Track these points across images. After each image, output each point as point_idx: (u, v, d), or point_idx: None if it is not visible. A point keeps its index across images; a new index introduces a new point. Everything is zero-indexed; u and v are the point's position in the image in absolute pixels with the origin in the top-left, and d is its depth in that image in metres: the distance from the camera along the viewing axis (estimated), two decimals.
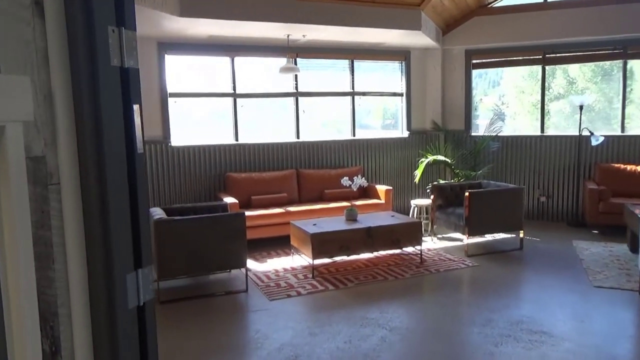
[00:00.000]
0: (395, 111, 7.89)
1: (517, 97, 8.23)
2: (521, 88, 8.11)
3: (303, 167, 6.87)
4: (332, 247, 4.86)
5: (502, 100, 8.16)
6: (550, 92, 7.51)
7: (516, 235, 5.80)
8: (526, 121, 7.90)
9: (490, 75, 8.02)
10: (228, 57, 6.45)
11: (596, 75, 7.67)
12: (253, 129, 7.15)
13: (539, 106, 7.32)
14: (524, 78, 8.08)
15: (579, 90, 7.72)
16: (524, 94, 8.02)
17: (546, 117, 7.26)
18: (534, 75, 7.59)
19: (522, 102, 8.18)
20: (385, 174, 7.45)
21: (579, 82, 7.88)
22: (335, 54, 7.02)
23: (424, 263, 5.25)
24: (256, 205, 6.15)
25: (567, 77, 7.91)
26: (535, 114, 7.47)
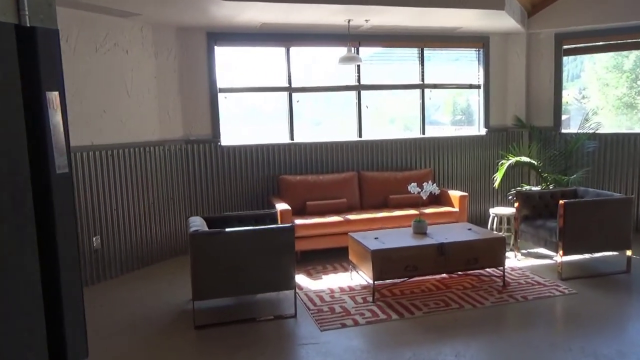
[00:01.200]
0: (466, 106, 6.97)
1: (600, 90, 7.09)
2: (605, 80, 6.95)
3: (365, 169, 6.16)
4: (397, 267, 4.12)
5: (582, 94, 7.07)
6: (638, 84, 6.37)
7: (622, 255, 4.77)
8: (611, 117, 6.74)
9: (569, 68, 6.94)
10: (283, 47, 5.85)
11: None
12: (310, 127, 6.54)
13: (625, 100, 6.23)
14: (607, 69, 6.93)
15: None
16: (607, 87, 6.85)
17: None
18: (619, 66, 6.46)
19: (607, 95, 7.02)
20: (459, 177, 6.57)
21: None
22: (403, 42, 6.23)
23: (508, 287, 4.38)
24: (312, 211, 5.52)
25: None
26: (622, 109, 6.33)
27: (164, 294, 4.42)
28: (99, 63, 4.73)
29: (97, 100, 4.73)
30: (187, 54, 5.52)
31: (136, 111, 5.11)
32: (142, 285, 4.69)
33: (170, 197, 5.47)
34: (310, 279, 4.73)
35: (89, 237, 4.67)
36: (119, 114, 4.94)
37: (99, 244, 4.77)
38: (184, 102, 5.56)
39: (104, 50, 4.78)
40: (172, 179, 5.49)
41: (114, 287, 4.65)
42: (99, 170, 4.75)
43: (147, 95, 5.24)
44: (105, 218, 4.82)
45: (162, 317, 3.94)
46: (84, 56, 4.61)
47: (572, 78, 7.18)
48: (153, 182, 5.28)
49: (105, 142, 4.81)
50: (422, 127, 6.50)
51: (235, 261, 3.68)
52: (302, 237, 5.12)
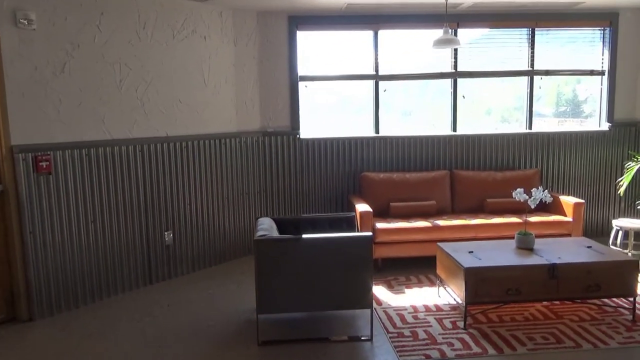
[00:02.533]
0: (573, 96, 5.91)
1: None
2: None
3: (459, 168, 5.44)
4: (496, 289, 3.44)
5: None
6: None
7: None
8: None
9: None
10: (370, 30, 5.28)
11: None
12: (398, 118, 5.91)
13: None
14: None
15: None
16: None
17: None
18: None
19: None
20: (573, 180, 5.61)
21: None
22: (510, 21, 5.38)
23: (639, 322, 3.52)
24: (396, 214, 4.94)
25: None
26: None
27: (231, 298, 4.11)
28: (176, 50, 4.50)
29: (173, 89, 4.50)
30: (268, 39, 5.15)
31: (213, 101, 4.84)
32: (212, 285, 4.42)
33: (245, 192, 5.17)
34: (391, 292, 4.17)
35: (160, 232, 4.48)
36: (195, 104, 4.69)
37: (171, 240, 4.57)
38: (263, 91, 5.21)
39: (181, 37, 4.53)
40: (248, 173, 5.18)
41: (183, 286, 4.42)
42: (172, 162, 4.53)
43: (225, 84, 4.95)
44: (177, 213, 4.61)
45: (227, 326, 3.60)
46: (161, 44, 4.38)
47: None
48: (227, 175, 5.00)
49: (180, 133, 4.59)
50: (529, 120, 5.61)
51: (304, 272, 3.24)
52: (383, 243, 4.57)
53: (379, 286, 4.30)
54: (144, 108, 4.31)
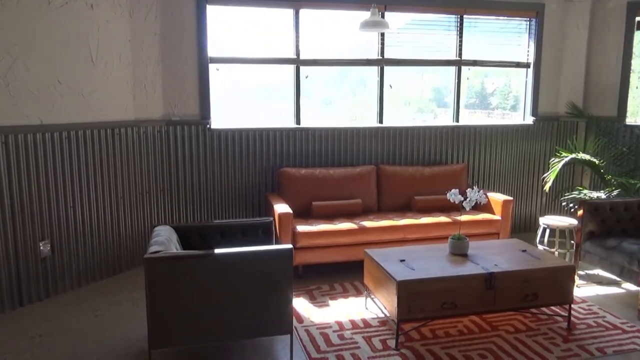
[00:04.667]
0: (498, 89, 5.78)
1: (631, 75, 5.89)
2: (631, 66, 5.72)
3: (386, 163, 5.06)
4: (430, 304, 3.06)
5: None
6: None
7: None
8: (634, 106, 5.53)
9: None
10: (290, 8, 4.72)
11: None
12: (320, 107, 5.45)
13: None
14: (634, 55, 5.70)
15: None
16: (634, 73, 5.62)
17: None
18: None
19: (635, 82, 5.81)
20: (499, 175, 5.45)
21: None
22: (438, 7, 5.05)
23: (574, 331, 3.31)
24: (318, 214, 4.46)
25: None
26: None
27: (125, 320, 3.42)
28: (53, 19, 3.66)
29: (50, 67, 3.67)
30: (172, 13, 4.42)
31: (103, 83, 4.05)
32: (101, 304, 3.69)
33: (145, 191, 4.44)
34: (314, 305, 3.69)
35: (34, 242, 3.66)
36: (79, 86, 3.88)
37: (49, 251, 3.76)
38: (166, 74, 4.48)
39: (59, 3, 3.69)
40: (148, 169, 4.45)
41: (63, 307, 3.64)
42: (50, 157, 3.71)
43: (119, 63, 4.17)
44: (58, 218, 3.80)
45: (114, 358, 2.93)
46: (31, 10, 3.53)
47: None
48: (123, 172, 4.24)
49: (59, 121, 3.76)
50: (456, 112, 5.36)
51: (209, 296, 2.65)
52: (305, 248, 4.08)
53: (300, 298, 3.80)
54: (9, 89, 3.46)
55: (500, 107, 5.94)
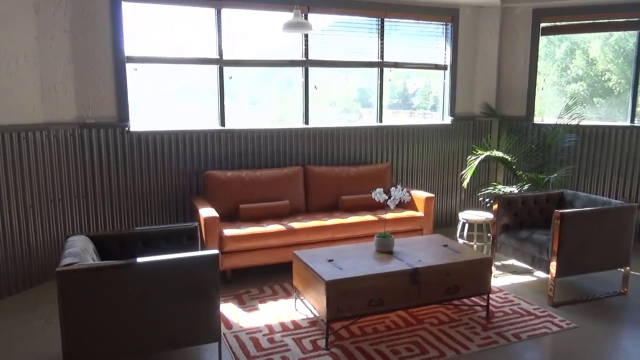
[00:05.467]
0: (419, 90, 6.03)
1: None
2: (538, 69, 6.28)
3: (313, 163, 5.09)
4: (359, 302, 3.10)
5: None
6: (567, 73, 5.89)
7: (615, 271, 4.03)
8: (541, 105, 6.08)
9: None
10: (212, 7, 4.61)
11: (618, 56, 5.93)
12: (246, 108, 5.39)
13: (557, 88, 5.75)
14: (540, 58, 6.29)
15: (599, 72, 6.00)
16: (540, 75, 6.18)
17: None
18: (551, 54, 5.89)
19: (541, 84, 6.37)
20: (420, 173, 5.65)
21: (599, 64, 6.14)
22: (360, 9, 5.15)
23: (493, 319, 3.49)
24: (246, 217, 4.39)
25: (587, 57, 6.19)
26: (552, 98, 5.85)
27: (35, 341, 3.17)
28: None
29: None
30: (84, 9, 4.16)
31: (5, 83, 3.73)
32: (7, 324, 3.39)
33: (58, 198, 4.15)
34: (243, 310, 3.63)
35: None
36: None
37: None
38: (79, 74, 4.22)
39: None
40: (61, 175, 4.16)
41: None
42: None
43: (24, 62, 3.86)
44: None
45: None
46: None
47: None
48: (32, 179, 3.94)
49: None
50: (380, 113, 5.49)
51: (131, 308, 2.52)
52: (233, 252, 4.00)
53: (229, 303, 3.72)
54: None
55: (422, 107, 6.18)
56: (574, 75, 6.43)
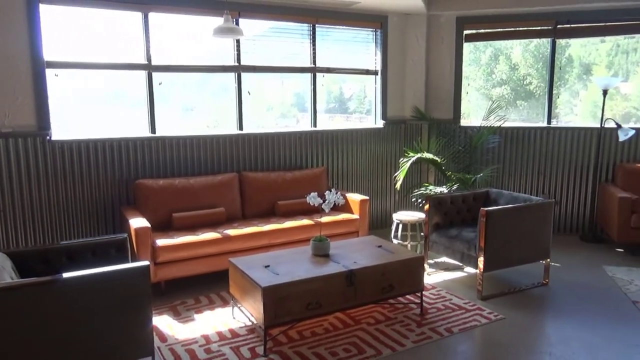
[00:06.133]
0: (355, 94, 6.19)
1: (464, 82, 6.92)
2: (465, 73, 6.69)
3: (248, 169, 5.05)
4: (296, 306, 3.11)
5: None
6: (492, 77, 6.34)
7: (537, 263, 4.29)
8: (469, 109, 6.49)
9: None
10: (138, 11, 4.48)
11: (537, 61, 6.48)
12: (180, 115, 5.28)
13: (483, 92, 6.17)
14: (468, 63, 6.71)
15: (521, 76, 6.50)
16: (467, 80, 6.59)
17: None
18: (477, 60, 6.32)
19: (466, 88, 6.78)
20: (355, 176, 5.76)
21: (521, 68, 6.67)
22: (292, 15, 5.18)
23: (427, 315, 3.61)
24: (180, 226, 4.29)
25: (509, 62, 6.71)
26: (479, 101, 6.26)
27: None
28: None
29: None
30: None
31: None
32: None
33: None
34: (178, 321, 3.53)
35: None
36: None
37: None
38: None
39: None
40: None
41: None
42: None
43: None
44: None
45: None
46: None
47: None
48: None
49: None
50: (314, 118, 5.55)
51: (55, 327, 2.38)
52: (166, 263, 3.89)
53: (163, 315, 3.61)
54: None
55: (358, 111, 6.31)
56: (498, 79, 6.82)
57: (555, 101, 5.84)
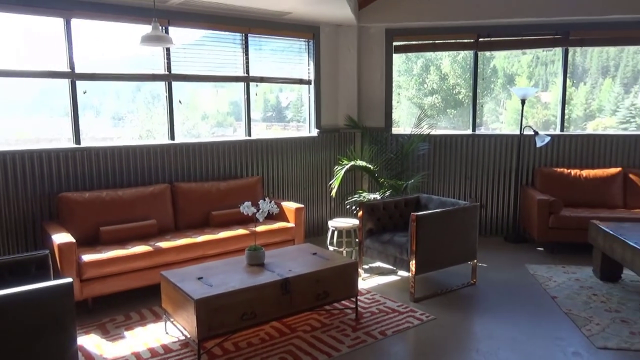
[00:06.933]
0: (292, 103, 6.25)
1: (395, 91, 7.21)
2: (398, 83, 6.98)
3: (181, 180, 4.94)
4: (230, 317, 3.07)
5: None
6: (424, 86, 6.69)
7: (468, 265, 4.49)
8: (404, 117, 6.79)
9: None
10: (60, 17, 4.28)
11: (465, 71, 6.93)
12: (111, 125, 5.10)
13: (415, 101, 6.51)
14: (400, 73, 7.01)
15: (450, 86, 6.91)
16: (401, 89, 6.88)
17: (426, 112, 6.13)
18: (409, 70, 6.65)
19: (400, 97, 7.08)
20: (291, 185, 5.78)
21: (450, 79, 7.09)
22: (224, 25, 5.15)
23: (362, 320, 3.68)
24: (108, 240, 4.12)
25: (440, 73, 7.12)
26: (412, 110, 6.60)
27: None
28: None
29: None
30: None
31: None
32: None
33: None
34: (107, 340, 3.38)
35: None
36: None
37: None
38: None
39: None
40: None
41: None
42: None
43: None
44: None
45: None
46: None
47: None
48: None
49: None
50: (248, 127, 5.52)
51: None
52: (93, 279, 3.72)
53: (91, 334, 3.45)
54: None
55: (295, 119, 6.35)
56: (430, 88, 7.10)
57: (481, 110, 6.16)
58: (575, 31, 5.69)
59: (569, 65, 5.89)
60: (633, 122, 8.50)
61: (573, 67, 6.25)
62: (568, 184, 5.61)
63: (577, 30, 5.68)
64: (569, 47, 5.81)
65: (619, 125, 9.21)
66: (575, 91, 6.54)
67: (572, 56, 6.02)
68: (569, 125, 6.26)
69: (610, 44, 6.13)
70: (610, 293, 4.16)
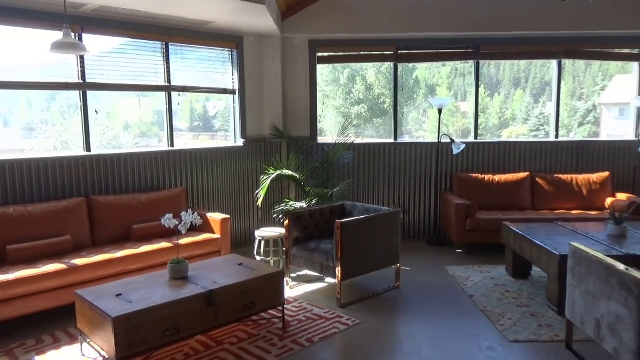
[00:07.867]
0: (220, 112, 6.19)
1: (321, 100, 7.41)
2: (325, 92, 7.22)
3: (98, 193, 4.71)
4: (152, 334, 2.96)
5: None
6: (351, 96, 6.96)
7: (392, 269, 4.63)
8: (332, 126, 7.02)
9: None
10: None
11: (389, 82, 7.31)
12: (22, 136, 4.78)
13: (342, 110, 6.76)
14: (327, 83, 7.24)
15: (376, 96, 7.24)
16: (328, 99, 7.10)
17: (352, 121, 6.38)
18: (337, 80, 6.89)
19: (327, 106, 7.30)
20: (216, 195, 5.69)
21: (376, 89, 7.43)
22: (142, 33, 5.00)
23: (289, 328, 3.68)
24: (16, 259, 3.84)
25: (366, 83, 7.45)
26: (339, 119, 6.84)
27: None
28: None
29: None
30: None
31: None
32: None
33: None
34: None
35: None
36: None
37: None
38: None
39: None
40: None
41: None
42: None
43: None
44: None
45: None
46: None
47: None
48: None
49: None
50: (170, 137, 5.38)
51: None
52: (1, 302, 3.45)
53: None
54: None
55: (223, 129, 6.27)
56: (356, 98, 7.30)
57: (405, 118, 6.41)
58: (485, 45, 6.09)
59: (484, 77, 6.29)
60: (542, 130, 9.22)
61: (488, 79, 6.69)
62: (483, 189, 5.95)
63: (486, 44, 6.08)
64: (480, 60, 6.20)
65: (529, 132, 9.96)
66: (490, 101, 7.01)
67: (487, 68, 6.45)
68: (484, 133, 6.67)
69: (518, 58, 6.62)
70: (521, 289, 4.45)
